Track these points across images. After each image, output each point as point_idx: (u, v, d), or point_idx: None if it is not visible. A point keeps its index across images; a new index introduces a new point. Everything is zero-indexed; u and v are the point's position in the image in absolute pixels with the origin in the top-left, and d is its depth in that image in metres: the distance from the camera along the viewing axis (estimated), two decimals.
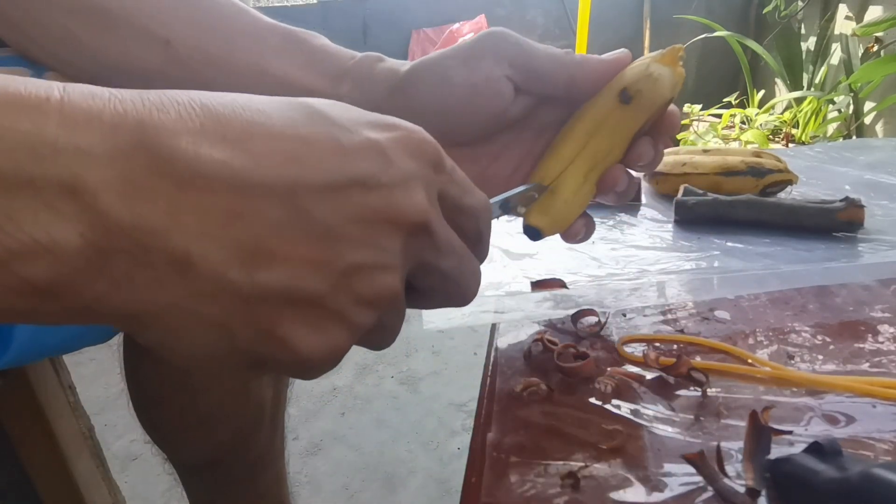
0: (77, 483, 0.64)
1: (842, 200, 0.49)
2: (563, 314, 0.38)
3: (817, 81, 2.22)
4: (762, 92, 2.37)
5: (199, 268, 0.18)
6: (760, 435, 0.26)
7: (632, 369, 0.33)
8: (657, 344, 0.35)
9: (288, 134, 0.20)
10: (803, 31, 2.39)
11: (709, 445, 0.27)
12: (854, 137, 2.05)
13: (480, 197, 0.26)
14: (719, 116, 2.24)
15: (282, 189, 0.19)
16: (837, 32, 2.17)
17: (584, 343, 0.36)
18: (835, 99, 2.12)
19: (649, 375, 0.32)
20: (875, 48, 1.97)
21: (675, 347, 0.35)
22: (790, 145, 2.11)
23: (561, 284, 0.41)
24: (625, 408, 0.30)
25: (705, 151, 0.59)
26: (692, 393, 0.31)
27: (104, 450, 0.71)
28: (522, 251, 0.49)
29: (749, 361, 0.33)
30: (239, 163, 0.18)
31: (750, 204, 0.51)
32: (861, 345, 0.34)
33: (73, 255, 0.16)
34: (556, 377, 0.32)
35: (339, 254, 0.20)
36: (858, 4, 2.14)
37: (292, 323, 0.20)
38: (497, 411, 0.30)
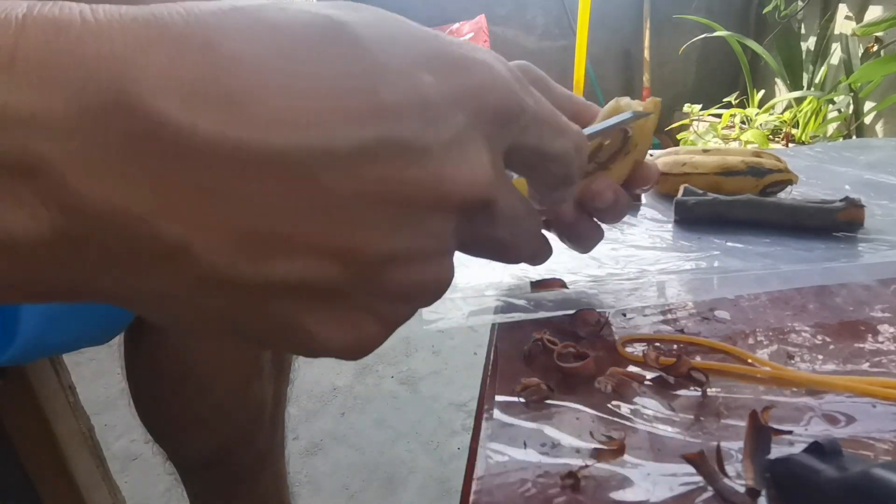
0: (77, 483, 0.64)
1: (842, 200, 0.49)
2: (563, 314, 0.38)
3: (817, 81, 2.22)
4: (762, 92, 2.37)
5: (198, 259, 0.15)
6: (760, 435, 0.26)
7: (632, 369, 0.33)
8: (657, 344, 0.35)
9: (308, 84, 0.15)
10: (803, 31, 2.38)
11: (709, 445, 0.27)
12: (854, 137, 2.05)
13: (572, 137, 0.21)
14: (719, 116, 2.23)
15: (297, 162, 0.15)
16: (837, 32, 2.17)
17: (584, 343, 0.36)
18: (835, 99, 2.12)
19: (649, 375, 0.32)
20: (875, 48, 1.96)
21: (675, 347, 0.35)
22: (790, 145, 2.11)
23: (561, 284, 0.41)
24: (625, 408, 0.30)
25: (705, 151, 0.59)
26: (692, 393, 0.31)
27: (104, 450, 0.71)
28: None
29: (749, 361, 0.33)
30: (243, 131, 0.14)
31: (750, 204, 0.51)
32: (861, 345, 0.34)
33: (38, 247, 0.13)
34: (556, 377, 0.32)
35: (370, 242, 0.16)
36: (858, 4, 2.13)
37: (315, 317, 0.17)
38: (497, 411, 0.30)
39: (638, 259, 0.47)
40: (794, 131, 2.16)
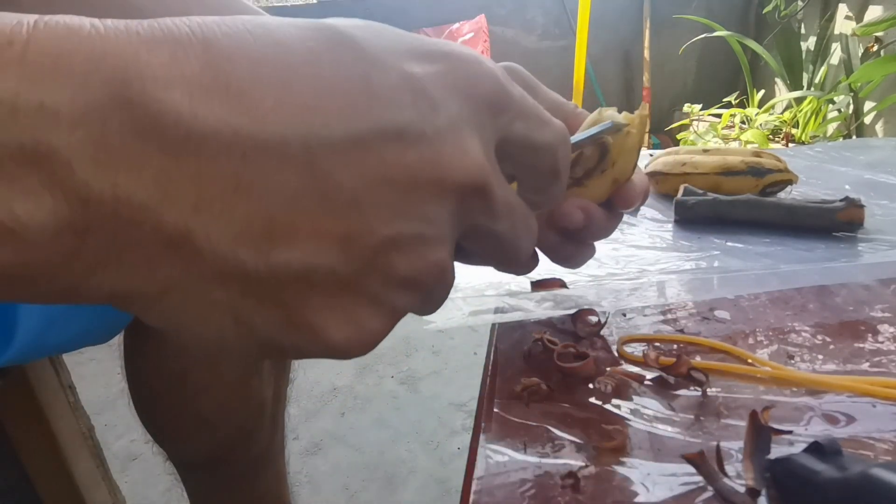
0: (77, 483, 0.64)
1: (842, 200, 0.49)
2: (563, 314, 0.38)
3: (817, 81, 2.22)
4: (762, 92, 2.37)
5: (200, 248, 0.15)
6: (760, 435, 0.26)
7: (632, 369, 0.33)
8: (657, 344, 0.35)
9: (304, 75, 0.16)
10: (803, 31, 2.38)
11: (709, 445, 0.27)
12: (854, 137, 2.05)
13: (556, 129, 0.22)
14: (719, 116, 2.23)
15: (296, 149, 0.15)
16: (837, 32, 2.17)
17: (584, 343, 0.36)
18: (835, 99, 2.12)
19: (649, 375, 0.32)
20: (875, 48, 1.97)
21: (675, 347, 0.35)
22: (790, 145, 2.11)
23: (561, 284, 0.41)
24: (625, 408, 0.30)
25: (705, 151, 0.59)
26: (692, 393, 0.31)
27: (104, 450, 0.71)
28: None
29: (749, 361, 0.33)
30: (242, 120, 0.15)
31: (750, 204, 0.51)
32: (861, 344, 0.34)
33: (44, 237, 0.14)
34: (556, 377, 0.32)
35: (370, 227, 0.17)
36: (858, 4, 2.13)
37: (319, 310, 0.17)
38: (497, 411, 0.30)
39: (638, 259, 0.47)
40: (794, 131, 2.16)
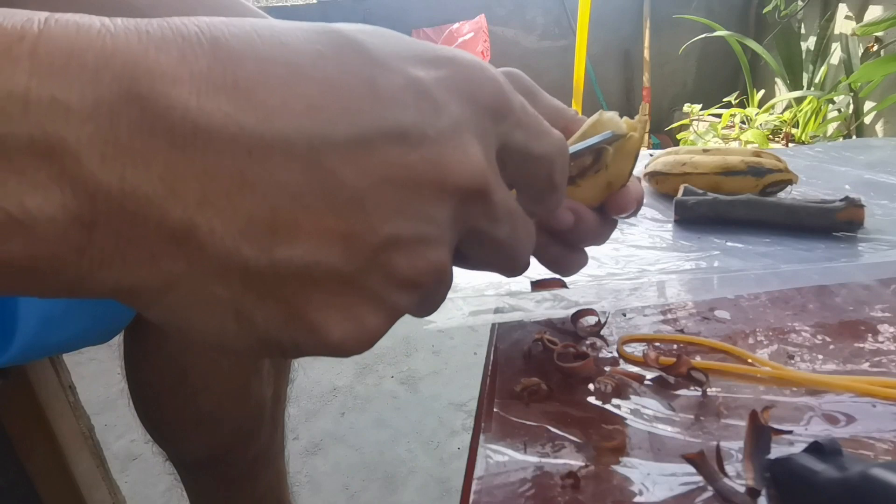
0: (77, 483, 0.64)
1: (842, 200, 0.49)
2: (563, 314, 0.38)
3: (817, 81, 2.22)
4: (762, 92, 2.37)
5: (204, 243, 0.15)
6: (760, 435, 0.26)
7: (632, 369, 0.33)
8: (657, 344, 0.35)
9: (310, 75, 0.16)
10: (803, 31, 2.38)
11: (709, 445, 0.27)
12: (854, 137, 2.05)
13: (555, 140, 0.22)
14: (719, 116, 2.23)
15: (301, 147, 0.16)
16: (837, 32, 2.17)
17: (584, 343, 0.36)
18: (835, 99, 2.12)
19: (649, 375, 0.32)
20: (875, 48, 1.97)
21: (675, 347, 0.35)
22: (790, 145, 2.11)
23: (561, 284, 0.41)
24: (625, 408, 0.30)
25: (705, 151, 0.59)
26: (692, 393, 0.31)
27: (104, 450, 0.71)
28: None
29: (749, 361, 0.33)
30: (249, 117, 0.15)
31: (750, 204, 0.51)
32: (861, 344, 0.34)
33: (52, 230, 0.14)
34: (556, 377, 0.32)
35: (372, 226, 0.17)
36: (858, 4, 2.13)
37: (320, 307, 0.17)
38: (497, 411, 0.30)
39: (638, 259, 0.47)
40: (794, 131, 2.16)
